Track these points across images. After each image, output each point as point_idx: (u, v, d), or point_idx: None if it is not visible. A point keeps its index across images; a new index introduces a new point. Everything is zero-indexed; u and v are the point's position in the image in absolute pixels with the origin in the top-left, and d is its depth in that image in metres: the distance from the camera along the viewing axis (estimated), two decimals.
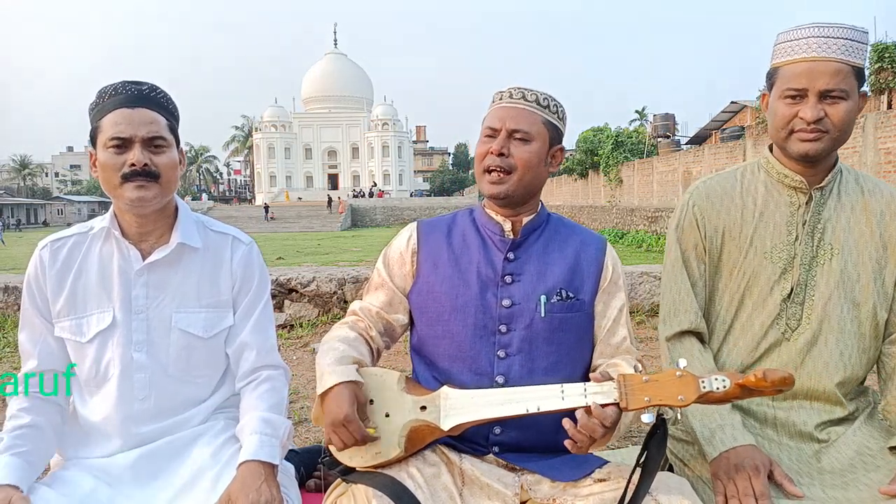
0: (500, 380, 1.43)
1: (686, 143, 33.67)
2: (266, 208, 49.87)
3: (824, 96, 1.38)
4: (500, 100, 1.51)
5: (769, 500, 1.28)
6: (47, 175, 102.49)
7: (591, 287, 1.51)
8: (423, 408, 1.36)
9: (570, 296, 1.48)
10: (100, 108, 1.41)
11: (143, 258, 1.46)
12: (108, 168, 1.38)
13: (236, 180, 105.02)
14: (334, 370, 1.38)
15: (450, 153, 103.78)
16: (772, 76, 1.48)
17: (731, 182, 1.59)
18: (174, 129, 1.47)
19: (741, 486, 1.31)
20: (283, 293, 5.08)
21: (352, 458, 1.39)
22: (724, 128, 28.48)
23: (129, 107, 1.39)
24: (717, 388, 1.11)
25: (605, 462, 1.43)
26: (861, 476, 1.36)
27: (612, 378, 1.20)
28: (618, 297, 1.53)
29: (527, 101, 1.48)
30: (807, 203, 1.50)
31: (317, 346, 1.53)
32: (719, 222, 1.56)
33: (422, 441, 1.38)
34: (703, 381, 1.12)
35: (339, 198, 54.76)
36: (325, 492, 1.44)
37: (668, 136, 33.32)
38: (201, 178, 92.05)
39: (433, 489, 1.34)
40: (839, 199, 1.51)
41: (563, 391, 1.24)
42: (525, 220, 1.52)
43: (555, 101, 1.51)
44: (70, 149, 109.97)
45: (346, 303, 5.07)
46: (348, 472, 1.41)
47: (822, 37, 1.39)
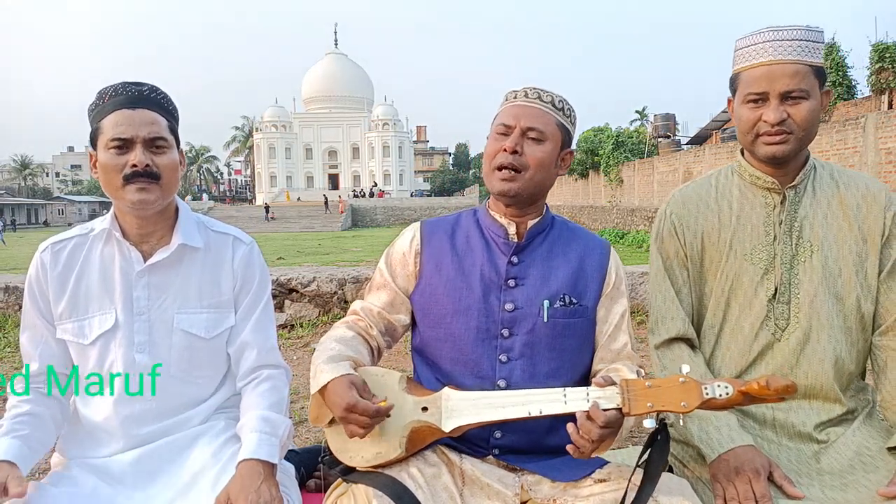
0: (501, 384, 1.43)
1: (687, 143, 33.67)
2: (266, 208, 49.88)
3: (785, 97, 1.41)
4: (515, 98, 1.50)
5: (770, 502, 1.28)
6: (48, 175, 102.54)
7: (594, 292, 1.51)
8: (425, 409, 1.36)
9: (574, 301, 1.47)
10: (100, 109, 1.41)
11: (145, 259, 1.46)
12: (109, 169, 1.38)
13: (237, 180, 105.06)
14: (326, 368, 1.37)
15: (450, 153, 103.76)
16: (734, 82, 1.51)
17: (706, 188, 1.62)
18: (174, 130, 1.47)
19: (742, 489, 1.31)
20: (283, 293, 5.08)
21: (352, 458, 1.39)
22: (724, 128, 28.45)
23: (129, 108, 1.39)
24: (720, 395, 1.11)
25: (606, 462, 1.42)
26: (860, 477, 1.36)
27: (615, 383, 1.19)
28: (620, 302, 1.53)
29: (542, 101, 1.48)
30: (781, 203, 1.52)
31: (317, 346, 1.53)
32: (697, 228, 1.58)
33: (422, 442, 1.38)
34: (706, 388, 1.12)
35: (339, 197, 54.72)
36: (326, 492, 1.44)
37: (668, 136, 33.32)
38: (202, 178, 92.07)
39: (434, 489, 1.34)
40: (814, 196, 1.52)
41: (565, 395, 1.24)
42: (530, 223, 1.51)
43: (568, 104, 1.52)
44: (71, 149, 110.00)
45: (346, 303, 5.07)
46: (349, 472, 1.41)
47: (778, 40, 1.42)
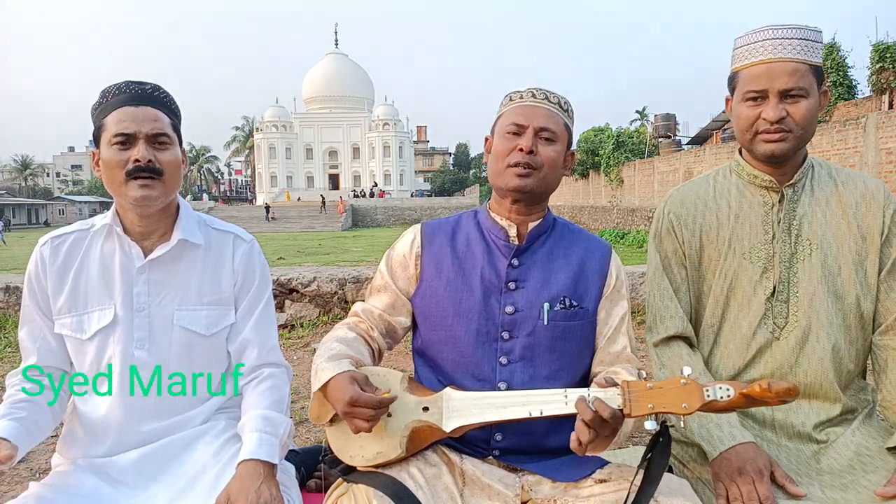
0: (502, 386, 1.43)
1: (687, 143, 33.67)
2: (267, 208, 49.88)
3: (784, 96, 1.41)
4: (521, 98, 1.49)
5: (774, 503, 1.28)
6: (48, 175, 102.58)
7: (594, 295, 1.50)
8: (426, 408, 1.36)
9: (574, 304, 1.47)
10: (104, 107, 1.41)
11: (145, 255, 1.46)
12: (112, 165, 1.39)
13: (237, 180, 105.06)
14: (327, 366, 1.37)
15: (450, 153, 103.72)
16: (732, 81, 1.51)
17: (704, 187, 1.62)
18: (177, 129, 1.47)
19: (745, 490, 1.31)
20: (283, 293, 5.08)
21: (352, 457, 1.39)
22: (725, 128, 28.46)
23: (133, 105, 1.39)
24: (721, 398, 1.11)
25: (606, 463, 1.42)
26: (860, 477, 1.36)
27: (616, 384, 1.19)
28: (620, 304, 1.53)
29: (550, 102, 1.48)
30: (780, 201, 1.52)
31: (318, 346, 1.53)
32: (696, 227, 1.58)
33: (423, 442, 1.38)
34: (707, 390, 1.12)
35: (339, 198, 54.68)
36: (326, 492, 1.44)
37: (669, 136, 33.32)
38: (202, 178, 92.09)
39: (434, 489, 1.34)
40: (813, 195, 1.53)
41: (566, 396, 1.24)
42: (531, 224, 1.51)
43: (570, 105, 1.53)
44: (71, 149, 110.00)
45: (346, 303, 5.07)
46: (349, 472, 1.41)
47: (778, 38, 1.42)
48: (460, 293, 1.48)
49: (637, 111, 41.42)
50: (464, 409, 1.33)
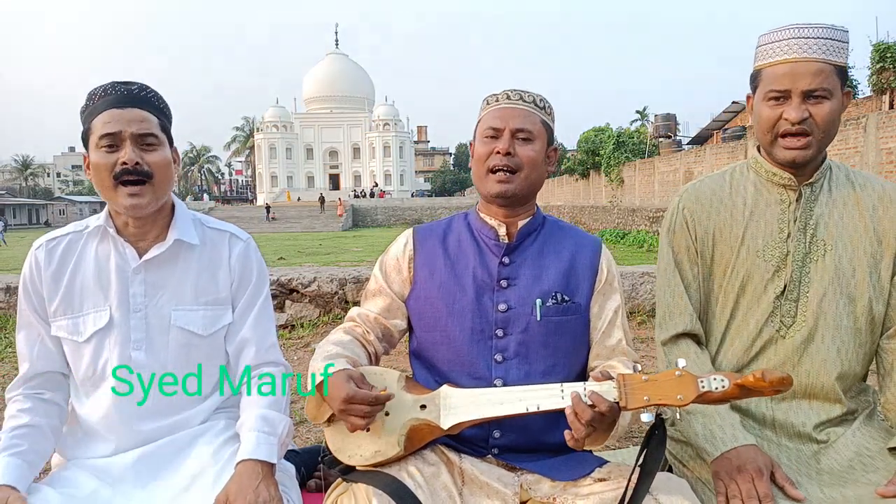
0: (498, 383, 1.43)
1: (687, 143, 33.66)
2: (267, 208, 49.90)
3: (808, 96, 1.40)
4: (497, 102, 1.51)
5: (773, 501, 1.28)
6: (49, 175, 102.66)
7: (586, 289, 1.51)
8: (423, 406, 1.36)
9: (566, 299, 1.48)
10: (90, 110, 1.40)
11: (140, 256, 1.45)
12: (100, 168, 1.38)
13: (238, 181, 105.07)
14: (322, 366, 1.37)
15: (451, 153, 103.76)
16: (755, 79, 1.49)
17: (720, 183, 1.60)
18: (166, 129, 1.46)
19: (744, 487, 1.30)
20: (284, 293, 5.08)
21: (351, 457, 1.39)
22: (725, 128, 28.46)
23: (119, 107, 1.38)
24: (716, 388, 1.12)
25: (605, 462, 1.43)
26: (860, 477, 1.36)
27: (611, 377, 1.20)
28: (613, 298, 1.53)
29: (525, 101, 1.49)
30: (797, 200, 1.51)
31: (316, 348, 1.53)
32: (709, 224, 1.57)
33: (421, 440, 1.38)
34: (701, 381, 1.12)
35: (339, 199, 54.67)
36: (326, 492, 1.44)
37: (669, 137, 33.30)
38: (203, 178, 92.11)
39: (433, 488, 1.34)
40: (830, 195, 1.51)
41: (562, 390, 1.25)
42: (521, 223, 1.52)
43: (547, 102, 1.54)
44: (72, 149, 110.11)
45: (347, 303, 5.07)
46: (348, 471, 1.41)
47: (803, 37, 1.40)
48: (453, 293, 1.49)
49: (637, 111, 41.45)
50: (461, 406, 1.33)
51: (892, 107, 17.57)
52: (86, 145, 1.42)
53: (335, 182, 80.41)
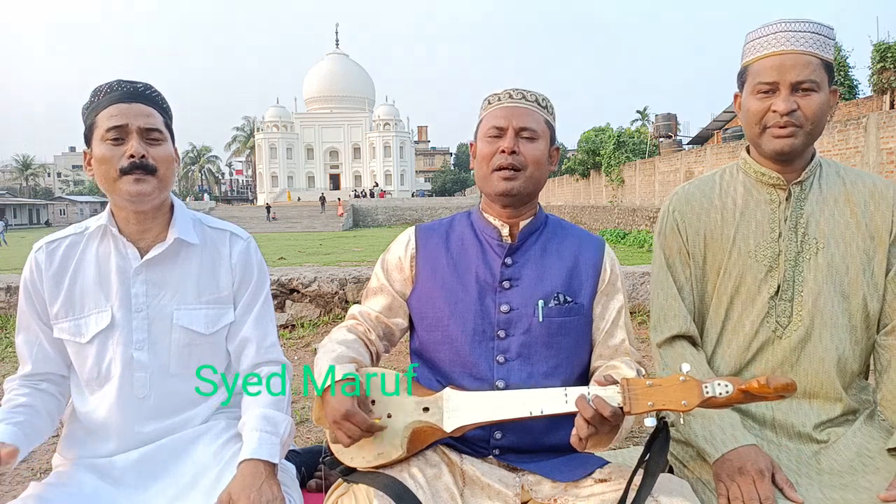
0: (500, 384, 1.43)
1: (688, 143, 33.64)
2: (268, 208, 49.91)
3: (796, 88, 1.40)
4: (499, 101, 1.50)
5: (774, 503, 1.28)
6: (49, 175, 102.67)
7: (589, 290, 1.51)
8: (426, 409, 1.36)
9: (568, 300, 1.47)
10: (95, 106, 1.41)
11: (141, 256, 1.46)
12: (105, 161, 1.38)
13: (238, 181, 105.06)
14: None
15: (451, 153, 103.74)
16: (742, 75, 1.50)
17: (710, 185, 1.61)
18: (169, 127, 1.47)
19: (745, 489, 1.30)
20: (284, 293, 5.08)
21: (353, 458, 1.39)
22: (726, 128, 28.44)
23: (124, 102, 1.39)
24: (720, 394, 1.11)
25: (606, 462, 1.43)
26: (860, 478, 1.36)
27: (615, 382, 1.20)
28: (616, 298, 1.53)
29: (528, 101, 1.49)
30: (787, 199, 1.51)
31: (318, 347, 1.53)
32: (700, 225, 1.57)
33: (423, 442, 1.38)
34: (706, 387, 1.12)
35: (338, 199, 54.63)
36: (327, 492, 1.44)
37: (670, 136, 33.29)
38: (203, 178, 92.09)
39: (434, 489, 1.34)
40: (821, 193, 1.51)
41: (566, 394, 1.24)
42: (523, 223, 1.52)
43: (549, 101, 1.53)
44: (72, 149, 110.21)
45: (347, 303, 5.07)
46: (349, 472, 1.40)
47: (791, 31, 1.40)
48: (455, 293, 1.49)
49: (638, 111, 41.37)
50: (464, 408, 1.33)
51: (892, 106, 17.55)
52: (87, 142, 1.42)
53: (336, 182, 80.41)
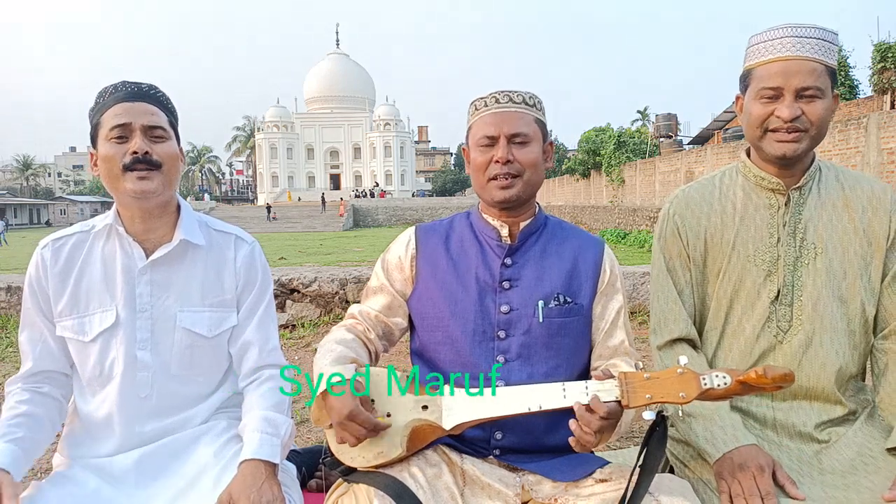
0: (500, 385, 1.43)
1: (688, 143, 33.64)
2: (269, 208, 49.94)
3: (800, 95, 1.39)
4: (486, 106, 1.48)
5: (775, 498, 1.28)
6: (50, 175, 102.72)
7: (589, 290, 1.51)
8: (425, 407, 1.36)
9: (568, 300, 1.47)
10: (100, 107, 1.42)
11: (147, 256, 1.46)
12: (109, 159, 1.39)
13: (239, 180, 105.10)
14: (332, 370, 1.37)
15: (452, 153, 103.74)
16: (745, 78, 1.48)
17: (710, 188, 1.60)
18: (174, 126, 1.48)
19: (746, 485, 1.31)
20: (285, 293, 5.08)
21: (353, 458, 1.39)
22: (726, 128, 28.43)
23: (129, 101, 1.40)
24: (718, 385, 1.12)
25: (607, 462, 1.43)
26: (861, 478, 1.36)
27: (613, 376, 1.20)
28: (616, 299, 1.53)
29: (515, 103, 1.47)
30: (786, 204, 1.50)
31: (318, 346, 1.53)
32: (700, 229, 1.56)
33: (423, 441, 1.38)
34: (703, 378, 1.13)
35: (340, 199, 54.63)
36: (327, 492, 1.44)
37: (670, 136, 33.30)
38: (204, 178, 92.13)
39: (435, 489, 1.34)
40: (819, 198, 1.51)
41: (564, 389, 1.25)
42: (522, 224, 1.52)
43: (537, 97, 1.51)
44: (73, 149, 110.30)
45: (347, 303, 5.07)
46: (349, 473, 1.41)
47: (797, 37, 1.39)
48: (456, 294, 1.49)
49: (638, 111, 41.45)
50: (463, 406, 1.33)
51: (893, 106, 17.54)
52: (94, 142, 1.43)
53: (336, 182, 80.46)
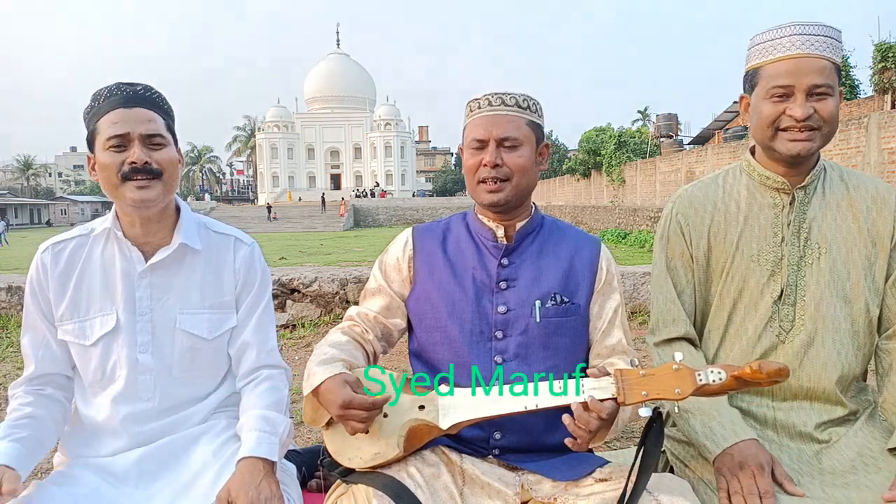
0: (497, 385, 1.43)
1: (689, 143, 33.62)
2: (269, 208, 49.96)
3: (811, 93, 1.39)
4: (479, 108, 1.48)
5: (773, 497, 1.28)
6: (51, 175, 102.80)
7: (585, 290, 1.51)
8: (422, 407, 1.36)
9: (565, 300, 1.48)
10: (95, 111, 1.40)
11: (146, 260, 1.46)
12: (107, 168, 1.38)
13: (239, 180, 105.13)
14: (318, 370, 1.38)
15: (452, 153, 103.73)
16: (752, 77, 1.47)
17: (713, 188, 1.59)
18: (171, 129, 1.47)
19: (745, 483, 1.31)
20: (285, 293, 5.08)
21: (351, 459, 1.39)
22: (727, 127, 28.39)
23: (125, 107, 1.39)
24: (714, 381, 1.12)
25: (607, 462, 1.43)
26: (862, 478, 1.36)
27: (609, 373, 1.20)
28: (612, 298, 1.53)
29: (507, 105, 1.46)
30: (790, 203, 1.50)
31: (315, 348, 1.53)
32: (703, 229, 1.56)
33: (420, 440, 1.38)
34: (699, 374, 1.13)
35: (341, 199, 54.65)
36: (327, 492, 1.44)
37: (670, 136, 33.26)
38: (204, 178, 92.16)
39: (433, 489, 1.34)
40: (824, 198, 1.51)
41: (561, 387, 1.25)
42: (518, 225, 1.52)
43: (532, 99, 1.50)
44: (73, 149, 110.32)
45: (348, 303, 5.07)
46: (347, 473, 1.40)
47: (805, 34, 1.39)
48: (453, 294, 1.49)
49: (639, 111, 41.49)
50: (459, 405, 1.33)
51: (894, 106, 17.53)
52: (90, 146, 1.42)
53: (336, 182, 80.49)
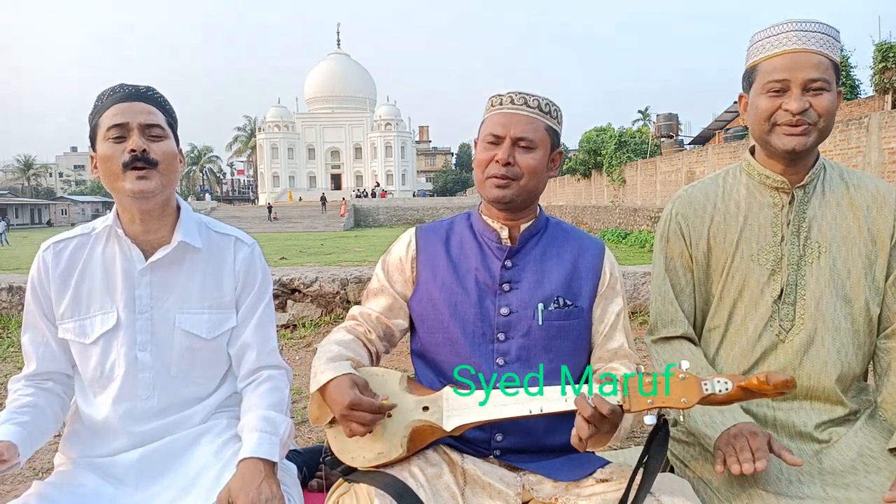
0: (499, 387, 1.43)
1: (689, 143, 33.63)
2: (269, 208, 49.98)
3: (807, 88, 1.39)
4: (501, 104, 1.48)
5: (767, 456, 1.28)
6: (51, 175, 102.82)
7: (588, 293, 1.50)
8: (426, 408, 1.36)
9: (568, 303, 1.47)
10: (98, 109, 1.43)
11: (146, 258, 1.46)
12: (108, 158, 1.39)
13: (240, 181, 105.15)
14: (327, 368, 1.38)
15: (453, 153, 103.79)
16: (750, 75, 1.48)
17: (713, 188, 1.59)
18: (172, 126, 1.48)
19: (738, 445, 1.31)
20: (285, 293, 5.08)
21: (353, 458, 1.39)
22: (727, 127, 28.38)
23: (126, 101, 1.41)
24: (720, 391, 1.12)
25: (608, 462, 1.43)
26: (862, 478, 1.36)
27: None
28: (615, 302, 1.53)
29: (529, 107, 1.46)
30: (790, 203, 1.50)
31: (318, 349, 1.53)
32: (703, 229, 1.56)
33: (423, 441, 1.38)
34: (705, 384, 1.12)
35: (342, 199, 54.64)
36: (328, 492, 1.44)
37: (671, 136, 33.27)
38: (205, 178, 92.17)
39: (435, 489, 1.34)
40: (823, 196, 1.50)
41: (565, 393, 1.25)
42: (523, 226, 1.52)
43: (554, 105, 1.50)
44: (74, 149, 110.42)
45: (348, 303, 5.07)
46: (350, 472, 1.41)
47: (802, 30, 1.40)
48: (456, 295, 1.49)
49: (639, 111, 41.45)
50: (464, 407, 1.33)
51: (894, 106, 17.53)
52: (93, 144, 1.43)
53: (337, 182, 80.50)
